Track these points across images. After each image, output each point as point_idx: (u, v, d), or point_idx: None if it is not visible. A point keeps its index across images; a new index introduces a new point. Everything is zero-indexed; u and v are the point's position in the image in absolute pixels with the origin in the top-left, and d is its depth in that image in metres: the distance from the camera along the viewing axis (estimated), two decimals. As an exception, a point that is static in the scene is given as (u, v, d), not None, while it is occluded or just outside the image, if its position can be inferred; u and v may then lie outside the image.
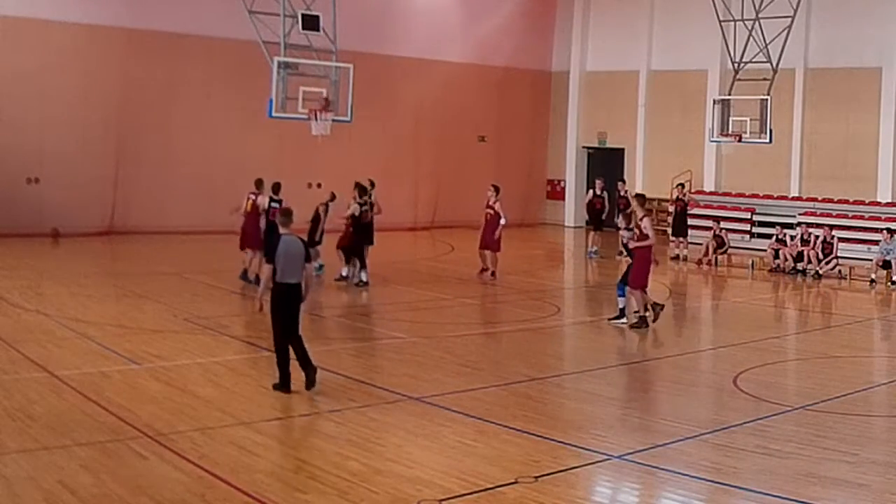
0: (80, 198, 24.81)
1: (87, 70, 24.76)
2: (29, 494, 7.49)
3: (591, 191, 26.40)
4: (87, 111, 24.85)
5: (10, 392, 10.30)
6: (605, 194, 25.93)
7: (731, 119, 25.98)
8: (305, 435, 9.20)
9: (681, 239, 25.37)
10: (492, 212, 20.07)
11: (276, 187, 18.28)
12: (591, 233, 25.49)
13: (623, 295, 15.38)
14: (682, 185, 26.63)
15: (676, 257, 25.35)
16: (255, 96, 22.39)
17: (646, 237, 14.86)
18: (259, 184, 18.36)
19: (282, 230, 10.82)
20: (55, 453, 8.40)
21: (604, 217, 25.66)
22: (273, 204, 17.66)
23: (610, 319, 15.68)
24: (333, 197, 19.27)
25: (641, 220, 15.11)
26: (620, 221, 16.44)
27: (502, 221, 19.91)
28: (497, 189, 20.43)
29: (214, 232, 25.16)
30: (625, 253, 16.50)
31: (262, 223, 17.85)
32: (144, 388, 10.77)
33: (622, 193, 25.50)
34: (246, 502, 7.50)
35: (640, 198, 15.72)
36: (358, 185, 19.33)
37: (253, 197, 18.13)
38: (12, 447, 8.54)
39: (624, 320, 15.33)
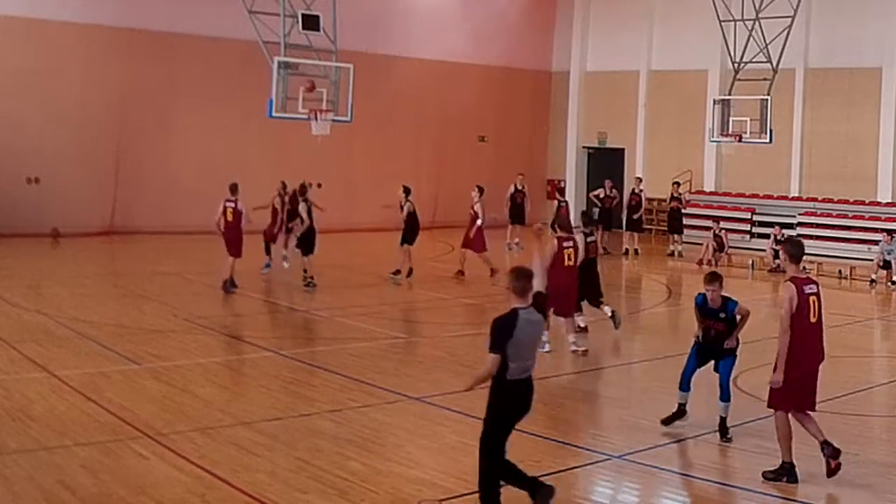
0: (80, 198, 24.81)
1: (87, 70, 24.77)
2: (29, 494, 7.49)
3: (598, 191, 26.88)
4: (87, 111, 24.85)
5: (10, 392, 10.30)
6: (616, 193, 26.73)
7: (731, 119, 26.01)
8: (305, 435, 9.20)
9: (675, 236, 25.94)
10: (472, 212, 20.21)
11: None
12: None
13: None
14: (677, 184, 26.89)
15: (672, 254, 25.60)
16: (255, 96, 22.39)
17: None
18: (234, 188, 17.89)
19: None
20: (55, 453, 8.40)
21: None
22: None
23: None
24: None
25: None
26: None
27: (479, 222, 19.98)
28: (481, 190, 20.51)
29: (215, 232, 25.15)
30: None
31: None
32: (144, 388, 10.77)
33: (636, 191, 26.36)
34: (246, 502, 7.50)
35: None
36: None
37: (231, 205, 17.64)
38: (12, 447, 8.54)
39: None
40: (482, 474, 7.23)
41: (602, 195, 26.58)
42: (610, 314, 14.65)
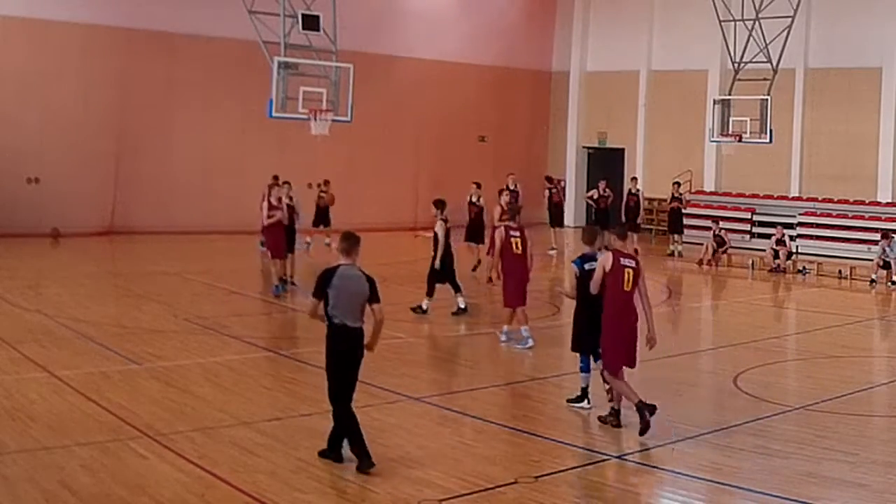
0: (80, 198, 24.82)
1: (87, 70, 24.77)
2: (29, 494, 7.49)
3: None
4: (87, 111, 24.86)
5: (10, 392, 10.30)
6: (610, 193, 26.58)
7: (731, 119, 26.03)
8: (305, 435, 9.19)
9: (675, 236, 25.98)
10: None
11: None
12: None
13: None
14: (678, 184, 26.89)
15: (672, 254, 25.62)
16: (255, 96, 22.39)
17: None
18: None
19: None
20: (55, 453, 8.40)
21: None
22: None
23: None
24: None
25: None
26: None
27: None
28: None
29: (215, 232, 25.20)
30: None
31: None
32: (144, 388, 10.77)
33: (633, 191, 26.26)
34: (246, 502, 7.50)
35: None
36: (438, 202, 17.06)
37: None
38: (12, 447, 8.54)
39: None
40: (335, 420, 8.41)
41: (596, 196, 26.59)
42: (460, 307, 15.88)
